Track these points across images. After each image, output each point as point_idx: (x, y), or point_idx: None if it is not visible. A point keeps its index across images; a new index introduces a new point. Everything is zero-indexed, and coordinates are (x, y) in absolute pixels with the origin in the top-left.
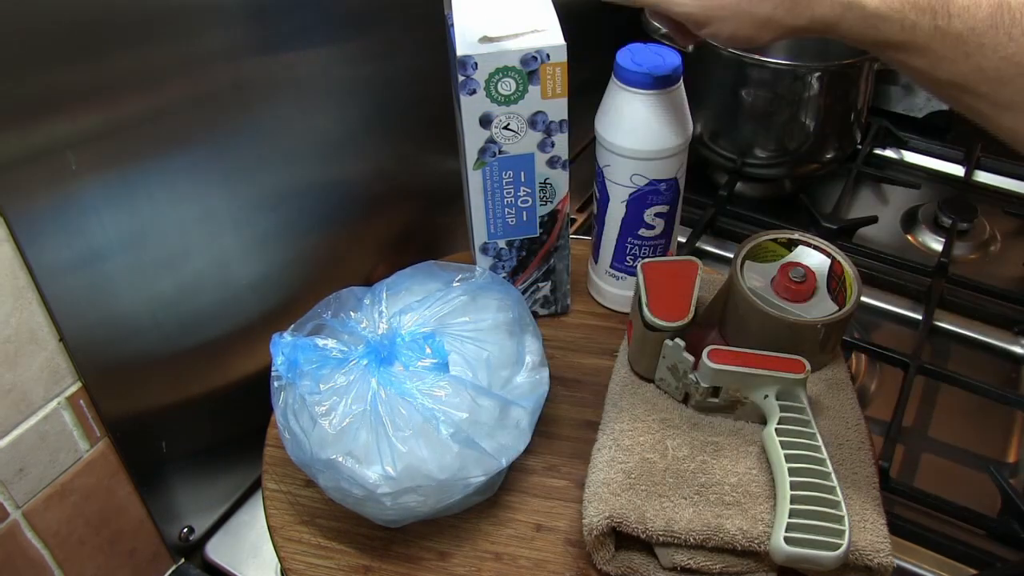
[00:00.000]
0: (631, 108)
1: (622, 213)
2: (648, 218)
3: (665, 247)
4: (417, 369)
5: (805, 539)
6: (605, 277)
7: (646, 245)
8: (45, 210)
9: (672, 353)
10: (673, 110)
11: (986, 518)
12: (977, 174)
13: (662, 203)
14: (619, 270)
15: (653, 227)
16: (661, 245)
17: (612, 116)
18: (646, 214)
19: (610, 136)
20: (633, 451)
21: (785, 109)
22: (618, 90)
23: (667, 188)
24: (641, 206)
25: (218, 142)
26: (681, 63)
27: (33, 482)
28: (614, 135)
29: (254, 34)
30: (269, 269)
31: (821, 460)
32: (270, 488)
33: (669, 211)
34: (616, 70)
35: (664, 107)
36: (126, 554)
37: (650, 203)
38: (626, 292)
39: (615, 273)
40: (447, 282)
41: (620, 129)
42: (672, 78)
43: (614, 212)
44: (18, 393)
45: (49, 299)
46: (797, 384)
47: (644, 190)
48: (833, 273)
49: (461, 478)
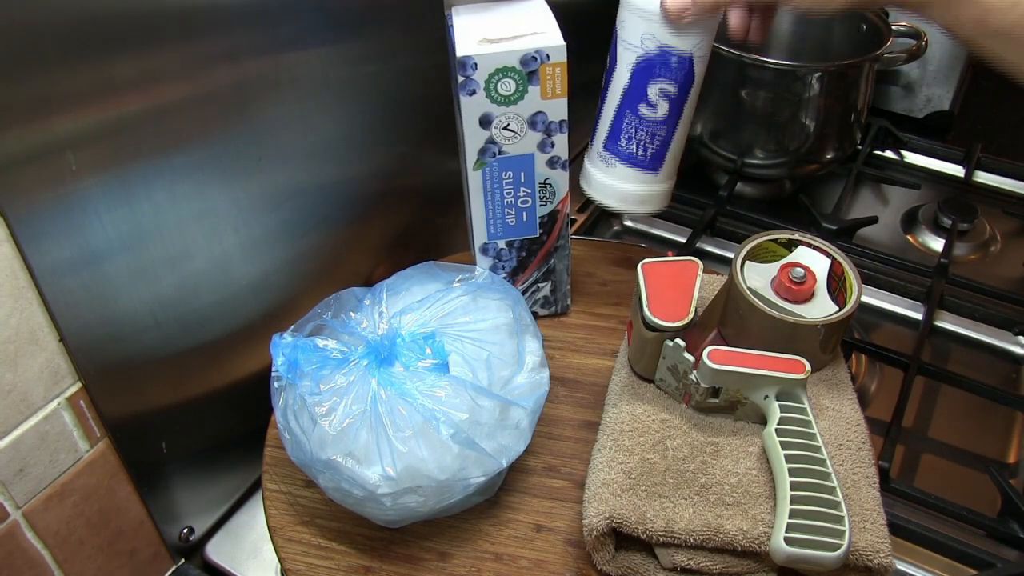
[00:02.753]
0: None
1: (625, 81)
2: (652, 94)
3: (666, 140)
4: (417, 370)
5: (805, 539)
6: (595, 160)
7: (644, 126)
8: (45, 210)
9: (672, 353)
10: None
11: (986, 518)
12: (977, 174)
13: (670, 79)
14: (611, 152)
15: (655, 107)
16: (661, 134)
17: None
18: (650, 88)
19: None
20: (633, 451)
21: (785, 109)
22: None
23: (679, 63)
24: (646, 76)
25: (218, 142)
26: None
27: (33, 482)
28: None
29: (254, 34)
30: (269, 269)
31: (821, 460)
32: (270, 488)
33: (677, 95)
34: None
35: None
36: (126, 554)
37: (657, 74)
38: (613, 182)
39: (605, 156)
40: (447, 282)
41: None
42: None
43: (618, 80)
44: (18, 393)
45: (49, 299)
46: (797, 384)
47: (653, 57)
48: (833, 273)
49: (461, 479)
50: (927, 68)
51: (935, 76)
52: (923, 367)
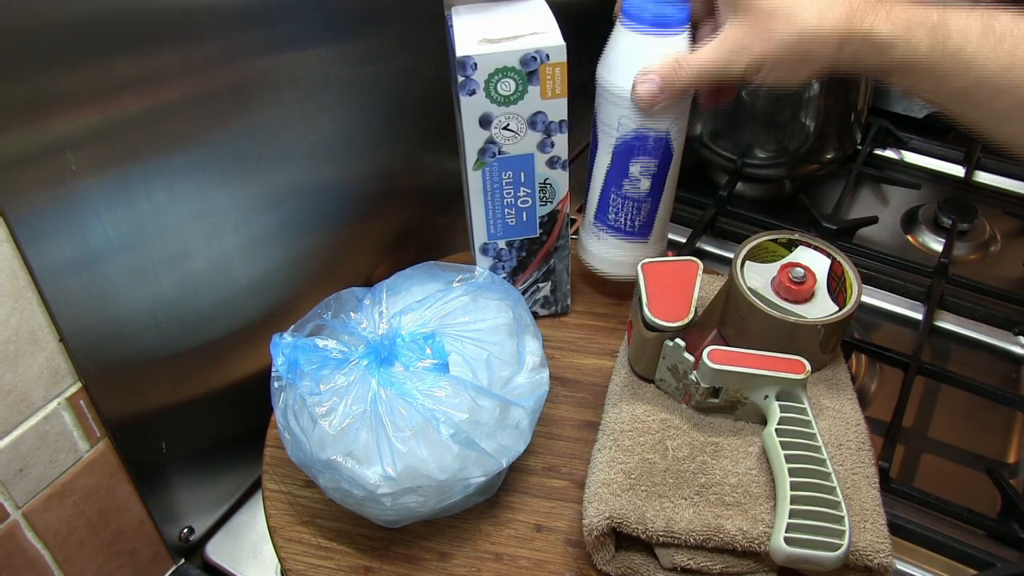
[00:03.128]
0: (624, 45)
1: (607, 161)
2: (634, 172)
3: (652, 210)
4: (417, 370)
5: (805, 539)
6: (589, 231)
7: (630, 202)
8: (45, 210)
9: (672, 353)
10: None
11: (986, 518)
12: (977, 174)
13: (649, 157)
14: (601, 225)
15: (638, 183)
16: (646, 207)
17: (609, 52)
18: (631, 167)
19: (602, 71)
20: (633, 452)
21: (785, 109)
22: (618, 27)
23: (656, 142)
24: (626, 157)
25: (218, 142)
26: (688, 12)
27: (33, 482)
28: (606, 70)
29: (254, 34)
30: (269, 269)
31: (821, 460)
32: (270, 488)
33: (658, 170)
34: (624, 5)
35: (662, 52)
36: (126, 554)
37: (637, 154)
38: (606, 252)
39: (596, 229)
40: (447, 282)
41: (610, 66)
42: (673, 20)
43: (601, 160)
44: (18, 393)
45: (49, 299)
46: (797, 385)
47: (630, 139)
48: (833, 273)
49: (461, 479)
50: None
51: None
52: (923, 367)
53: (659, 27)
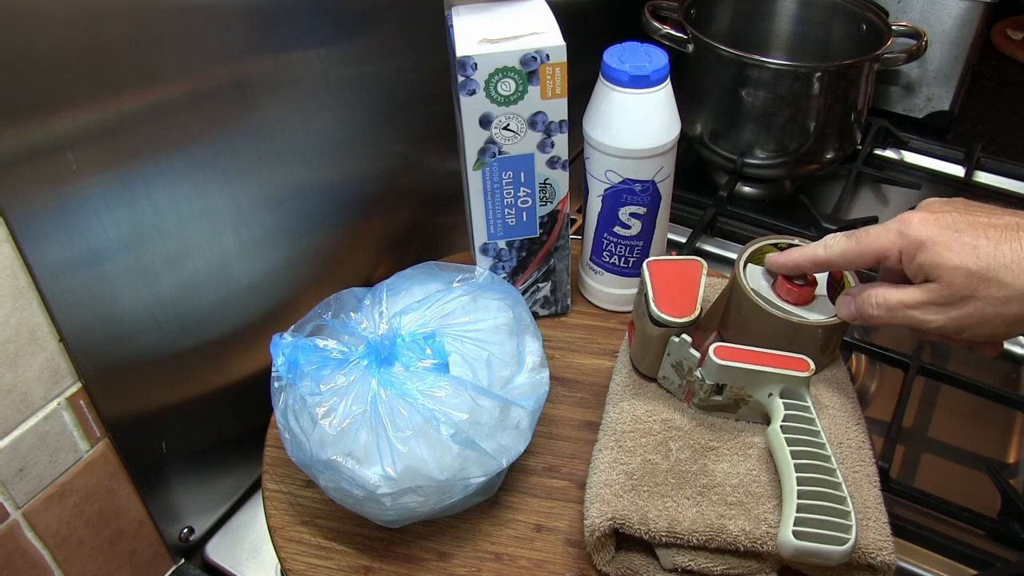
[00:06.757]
0: (607, 103)
1: (598, 207)
2: (623, 217)
3: (644, 249)
4: (417, 370)
5: (813, 533)
6: (586, 268)
7: (622, 244)
8: (45, 210)
9: (678, 349)
10: (652, 113)
11: (986, 518)
12: (977, 174)
13: (637, 204)
14: (597, 264)
15: (629, 227)
16: (639, 247)
17: (592, 108)
18: (621, 213)
19: (587, 126)
20: (635, 452)
21: (785, 109)
22: (600, 83)
23: (643, 190)
24: (616, 203)
25: (218, 142)
26: (666, 68)
27: (33, 482)
28: (590, 126)
29: (254, 34)
30: (269, 269)
31: (826, 457)
32: (270, 488)
33: (647, 214)
34: (602, 64)
35: (641, 108)
36: (126, 554)
37: (625, 202)
38: (603, 288)
39: (592, 267)
40: (447, 282)
41: (595, 122)
42: (650, 80)
43: (593, 205)
44: (18, 393)
45: (49, 299)
46: (801, 382)
47: (618, 188)
48: (833, 277)
49: (461, 479)
50: (927, 68)
51: (935, 76)
52: (923, 367)
53: (638, 87)
